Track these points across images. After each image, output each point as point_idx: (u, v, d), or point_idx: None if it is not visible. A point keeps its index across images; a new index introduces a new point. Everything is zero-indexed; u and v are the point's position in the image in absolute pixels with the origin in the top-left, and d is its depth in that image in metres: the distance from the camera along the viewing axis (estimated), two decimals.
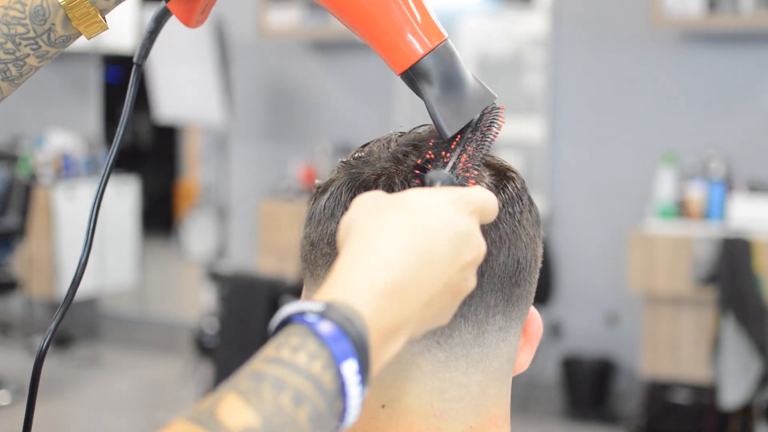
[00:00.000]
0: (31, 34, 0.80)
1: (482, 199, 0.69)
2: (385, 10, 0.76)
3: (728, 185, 4.47)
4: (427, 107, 0.76)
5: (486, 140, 0.76)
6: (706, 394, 4.20)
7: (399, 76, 0.78)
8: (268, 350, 0.58)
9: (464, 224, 0.66)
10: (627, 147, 4.88)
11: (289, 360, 0.56)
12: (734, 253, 4.03)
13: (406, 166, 0.76)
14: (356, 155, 0.80)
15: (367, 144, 0.81)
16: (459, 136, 0.76)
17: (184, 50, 5.21)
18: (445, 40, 0.76)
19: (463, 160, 0.74)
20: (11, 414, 4.95)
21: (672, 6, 4.47)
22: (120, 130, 0.85)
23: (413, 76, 0.76)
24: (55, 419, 4.88)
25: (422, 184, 0.73)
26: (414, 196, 0.66)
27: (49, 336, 0.81)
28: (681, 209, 4.48)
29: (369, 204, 0.66)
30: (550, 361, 4.97)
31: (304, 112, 5.75)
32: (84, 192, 6.19)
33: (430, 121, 0.80)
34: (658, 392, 4.35)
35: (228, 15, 5.54)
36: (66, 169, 6.22)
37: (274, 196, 5.54)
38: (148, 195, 7.16)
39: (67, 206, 6.04)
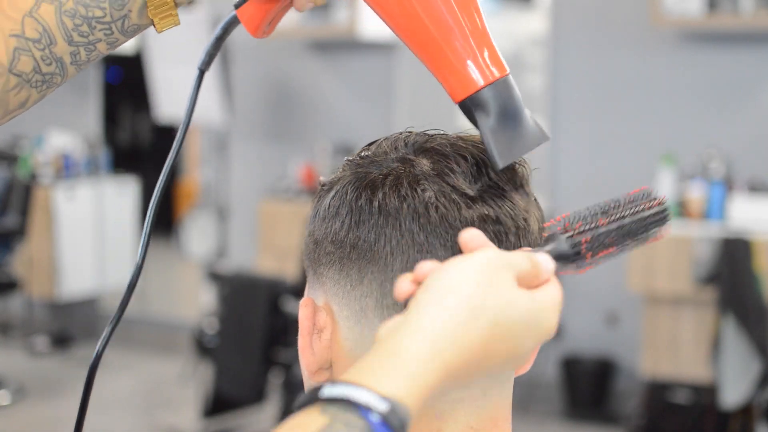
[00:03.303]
0: (107, 18, 0.80)
1: (546, 263, 0.71)
2: (451, 37, 0.76)
3: (728, 185, 4.47)
4: (481, 136, 0.77)
5: (633, 236, 0.75)
6: (706, 394, 4.20)
7: (457, 105, 0.78)
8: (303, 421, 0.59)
9: (548, 333, 0.73)
10: (627, 147, 4.88)
11: None
12: (734, 253, 4.03)
13: (416, 169, 0.76)
14: (363, 154, 0.79)
15: (374, 143, 0.80)
16: (606, 220, 0.75)
17: (184, 50, 5.21)
18: (507, 74, 0.77)
19: (585, 239, 0.73)
20: (11, 414, 4.95)
21: (672, 6, 4.47)
22: (180, 135, 0.85)
23: (471, 106, 0.77)
24: (55, 419, 4.88)
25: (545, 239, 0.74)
26: (520, 296, 0.68)
27: (105, 341, 0.87)
28: (681, 209, 4.48)
29: (481, 276, 0.66)
30: (550, 361, 4.97)
31: (304, 112, 5.75)
32: (84, 192, 6.19)
33: (437, 124, 0.80)
34: (658, 392, 4.35)
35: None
36: (66, 169, 6.22)
37: (274, 196, 5.54)
38: (148, 195, 7.14)
39: (67, 206, 6.04)
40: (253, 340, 4.18)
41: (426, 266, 0.67)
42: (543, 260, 0.70)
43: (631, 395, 4.76)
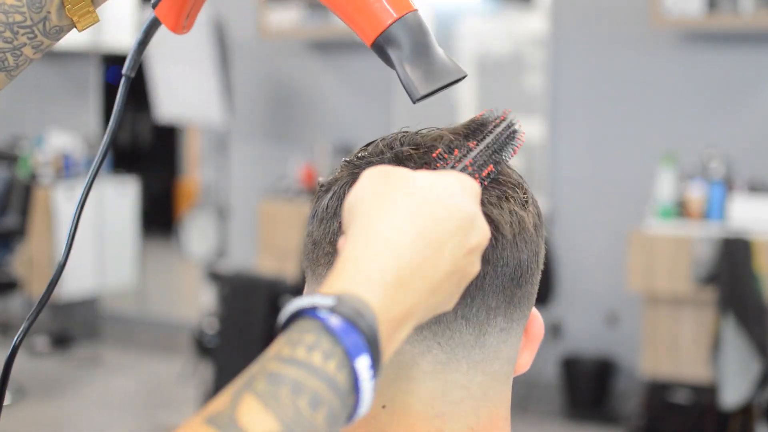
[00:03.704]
0: (28, 22, 0.81)
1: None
2: None
3: (728, 185, 4.47)
4: (396, 71, 0.77)
5: (497, 155, 0.76)
6: (706, 394, 4.20)
7: (371, 48, 0.78)
8: (283, 348, 0.58)
9: (470, 208, 0.66)
10: (627, 147, 4.88)
11: (304, 360, 0.56)
12: (734, 253, 4.03)
13: (409, 166, 0.76)
14: (359, 154, 0.80)
15: (371, 143, 0.81)
16: (474, 142, 0.76)
17: (184, 50, 5.21)
18: (414, 10, 0.77)
19: (468, 162, 0.74)
20: (11, 414, 4.94)
21: (672, 6, 4.47)
22: (106, 138, 0.86)
23: (383, 44, 0.77)
24: (55, 419, 4.88)
25: None
26: (421, 177, 0.67)
27: (22, 334, 0.83)
28: (681, 209, 4.48)
29: (376, 181, 0.66)
30: (550, 361, 4.97)
31: (304, 112, 5.75)
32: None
33: (435, 124, 0.80)
34: (658, 392, 4.35)
35: (228, 15, 5.54)
36: (66, 169, 6.22)
37: (274, 196, 5.54)
38: (148, 195, 7.16)
39: (67, 206, 6.04)
40: (253, 340, 4.18)
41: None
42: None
43: (631, 395, 4.76)
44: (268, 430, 0.53)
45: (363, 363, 0.57)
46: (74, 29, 0.84)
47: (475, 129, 0.77)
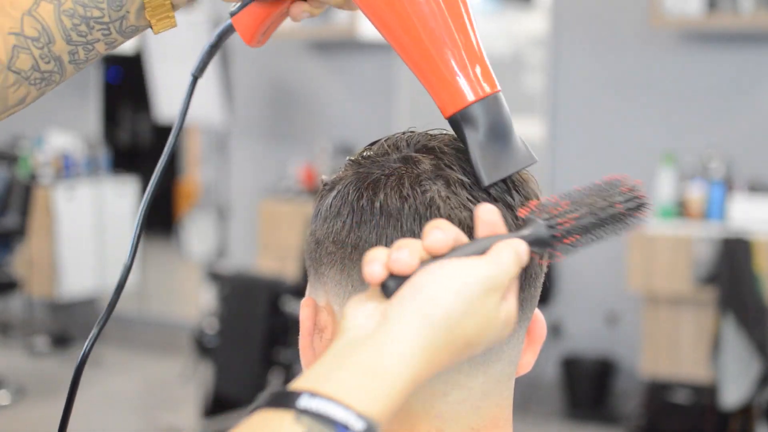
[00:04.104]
0: (106, 19, 0.81)
1: (513, 264, 0.68)
2: (444, 50, 0.76)
3: (728, 185, 4.47)
4: (469, 152, 0.76)
5: (610, 224, 0.73)
6: (706, 394, 4.20)
7: (446, 119, 0.78)
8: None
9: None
10: (627, 147, 4.88)
11: None
12: (734, 253, 4.03)
13: (418, 169, 0.76)
14: (365, 154, 0.79)
15: (375, 142, 0.80)
16: (567, 202, 0.73)
17: (184, 50, 5.21)
18: (498, 91, 0.77)
19: (568, 221, 0.72)
20: (11, 414, 4.95)
21: (672, 6, 4.47)
22: (171, 140, 0.86)
23: (460, 121, 0.76)
24: (55, 419, 4.86)
25: (522, 221, 0.73)
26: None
27: (92, 341, 0.85)
28: (681, 209, 4.48)
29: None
30: (550, 361, 4.97)
31: (304, 112, 5.75)
32: (84, 192, 6.19)
33: (437, 124, 0.80)
34: (658, 392, 4.35)
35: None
36: (66, 169, 6.22)
37: (274, 196, 5.54)
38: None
39: (67, 206, 6.04)
40: (253, 340, 4.18)
41: (403, 257, 0.66)
42: (519, 247, 0.69)
43: (631, 395, 4.76)
44: None
45: None
46: (149, 30, 0.84)
47: (599, 190, 0.75)
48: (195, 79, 0.86)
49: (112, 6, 0.80)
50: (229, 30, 0.87)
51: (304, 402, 0.60)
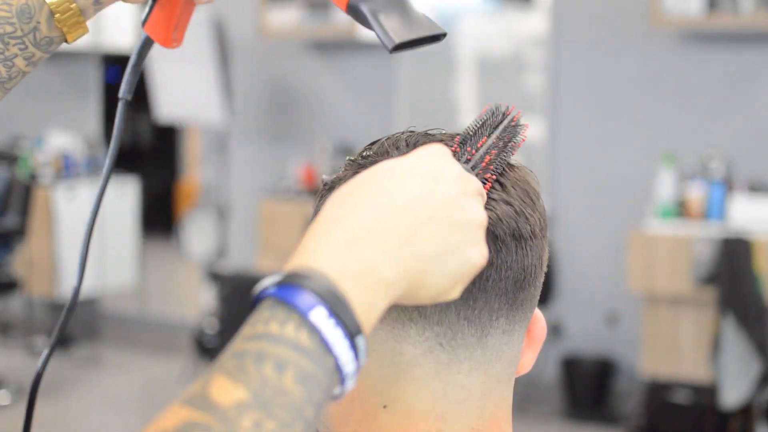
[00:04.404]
0: (18, 32, 0.82)
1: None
2: None
3: (728, 185, 4.47)
4: (371, 24, 0.74)
5: (507, 150, 0.75)
6: (706, 394, 4.20)
7: (347, 12, 0.77)
8: (245, 329, 0.58)
9: (436, 161, 0.66)
10: (627, 147, 4.88)
11: (264, 332, 0.57)
12: (734, 253, 4.03)
13: None
14: (364, 153, 0.79)
15: (376, 142, 0.80)
16: (485, 138, 0.75)
17: (184, 50, 5.20)
18: None
19: (486, 161, 0.73)
20: (11, 414, 4.95)
21: (672, 6, 4.47)
22: (108, 161, 0.85)
23: (358, 2, 0.75)
24: (55, 419, 4.88)
25: None
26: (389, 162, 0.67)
27: (53, 342, 0.84)
28: (681, 209, 4.48)
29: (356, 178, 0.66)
30: (550, 361, 4.97)
31: (304, 112, 5.75)
32: (84, 192, 6.19)
33: (437, 124, 0.79)
34: (658, 392, 4.35)
35: (228, 15, 5.54)
36: (66, 169, 6.22)
37: (274, 196, 5.54)
38: (148, 195, 7.16)
39: (67, 206, 6.04)
40: None
41: None
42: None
43: (631, 395, 4.76)
44: (237, 399, 0.54)
45: (318, 314, 0.57)
46: (64, 42, 0.85)
47: (482, 125, 0.76)
48: (126, 101, 0.86)
49: (22, 19, 0.81)
50: (146, 42, 0.86)
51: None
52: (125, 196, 6.51)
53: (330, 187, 0.79)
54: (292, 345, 0.56)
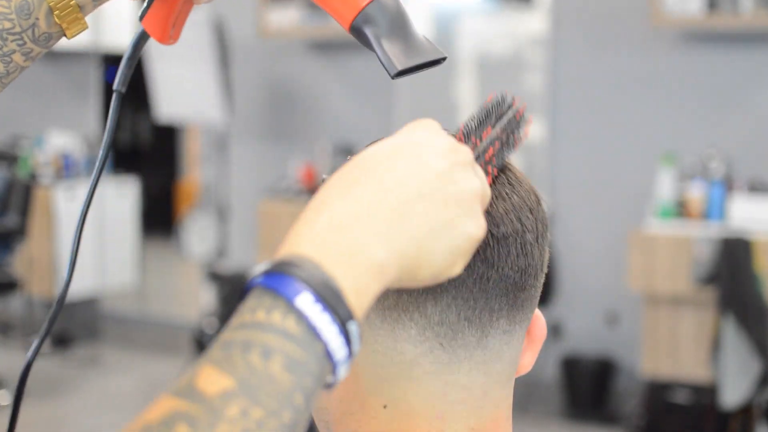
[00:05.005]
0: (17, 29, 0.82)
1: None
2: None
3: (728, 185, 4.47)
4: (374, 49, 0.76)
5: (510, 144, 0.75)
6: (706, 394, 4.20)
7: (349, 32, 0.77)
8: (233, 320, 0.58)
9: (422, 138, 0.65)
10: (627, 147, 4.88)
11: (250, 321, 0.57)
12: (734, 253, 4.03)
13: None
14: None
15: (376, 142, 0.80)
16: (490, 128, 0.75)
17: (184, 50, 5.21)
18: None
19: (489, 152, 0.73)
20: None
21: (672, 6, 4.47)
22: (102, 154, 0.86)
23: (361, 24, 0.76)
24: (55, 419, 4.88)
25: None
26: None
27: (41, 338, 0.84)
28: (681, 209, 4.48)
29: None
30: (550, 361, 4.97)
31: (304, 112, 5.75)
32: (84, 192, 6.18)
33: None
34: (658, 392, 4.35)
35: (228, 15, 5.54)
36: (66, 169, 6.23)
37: (274, 196, 5.54)
38: (148, 195, 7.16)
39: (67, 206, 6.04)
40: None
41: None
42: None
43: (631, 395, 4.76)
44: (223, 387, 0.54)
45: (304, 300, 0.56)
46: (64, 37, 0.85)
47: (486, 115, 0.76)
48: (120, 94, 0.86)
49: (20, 15, 0.81)
50: (143, 36, 0.86)
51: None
52: (125, 196, 6.51)
53: None
54: (279, 332, 0.56)
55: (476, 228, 0.65)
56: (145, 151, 9.13)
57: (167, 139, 8.78)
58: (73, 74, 6.62)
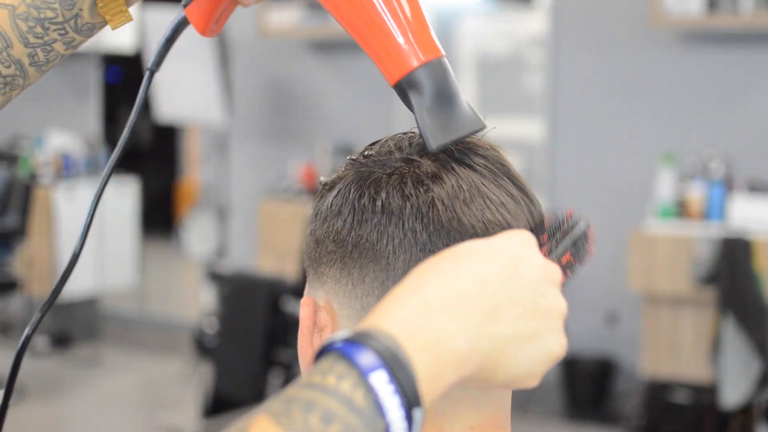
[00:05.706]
0: (60, 18, 0.81)
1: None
2: (382, 19, 0.76)
3: (728, 185, 4.47)
4: (415, 117, 0.76)
5: (578, 257, 0.77)
6: (706, 394, 4.20)
7: (392, 87, 0.78)
8: (302, 378, 0.58)
9: (517, 246, 0.66)
10: (627, 147, 4.88)
11: (319, 383, 0.57)
12: (734, 253, 4.03)
13: (421, 169, 0.76)
14: (366, 153, 0.79)
15: (377, 142, 0.81)
16: (564, 231, 0.76)
17: (184, 50, 5.21)
18: (440, 56, 0.77)
19: (564, 259, 0.75)
20: (11, 414, 4.93)
21: (672, 6, 4.47)
22: (126, 132, 0.85)
23: (405, 87, 0.76)
24: (55, 419, 4.88)
25: None
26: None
27: (30, 330, 0.84)
28: (681, 209, 4.48)
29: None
30: None
31: (304, 112, 5.75)
32: (84, 192, 6.19)
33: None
34: (658, 392, 4.35)
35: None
36: (66, 169, 6.22)
37: (274, 196, 5.54)
38: (148, 195, 7.16)
39: (67, 206, 6.04)
40: (253, 340, 4.18)
41: None
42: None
43: (631, 395, 4.76)
44: None
45: (379, 378, 0.57)
46: (107, 27, 0.84)
47: (561, 224, 0.77)
48: (152, 72, 0.86)
49: (64, 5, 0.81)
50: (183, 22, 0.86)
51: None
52: (125, 196, 6.51)
53: (330, 187, 0.79)
54: (345, 401, 0.56)
55: (559, 346, 0.67)
56: (145, 151, 9.13)
57: (167, 139, 8.78)
58: (73, 74, 6.62)
